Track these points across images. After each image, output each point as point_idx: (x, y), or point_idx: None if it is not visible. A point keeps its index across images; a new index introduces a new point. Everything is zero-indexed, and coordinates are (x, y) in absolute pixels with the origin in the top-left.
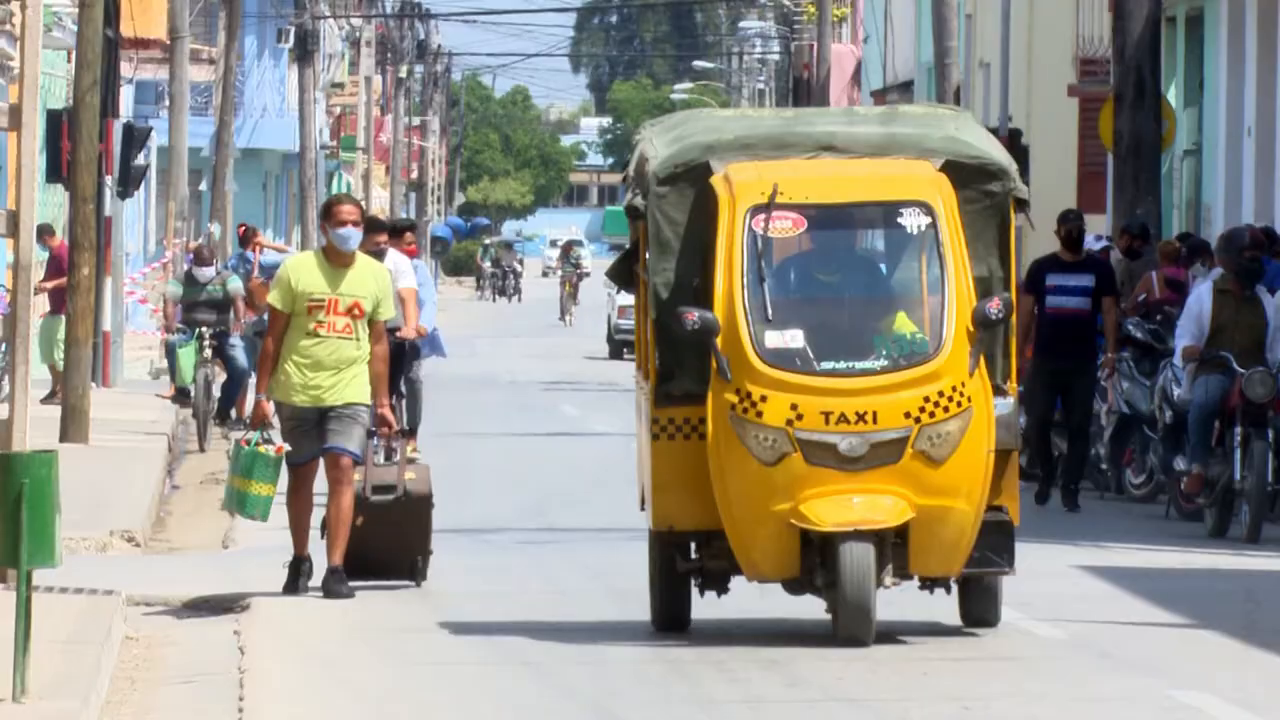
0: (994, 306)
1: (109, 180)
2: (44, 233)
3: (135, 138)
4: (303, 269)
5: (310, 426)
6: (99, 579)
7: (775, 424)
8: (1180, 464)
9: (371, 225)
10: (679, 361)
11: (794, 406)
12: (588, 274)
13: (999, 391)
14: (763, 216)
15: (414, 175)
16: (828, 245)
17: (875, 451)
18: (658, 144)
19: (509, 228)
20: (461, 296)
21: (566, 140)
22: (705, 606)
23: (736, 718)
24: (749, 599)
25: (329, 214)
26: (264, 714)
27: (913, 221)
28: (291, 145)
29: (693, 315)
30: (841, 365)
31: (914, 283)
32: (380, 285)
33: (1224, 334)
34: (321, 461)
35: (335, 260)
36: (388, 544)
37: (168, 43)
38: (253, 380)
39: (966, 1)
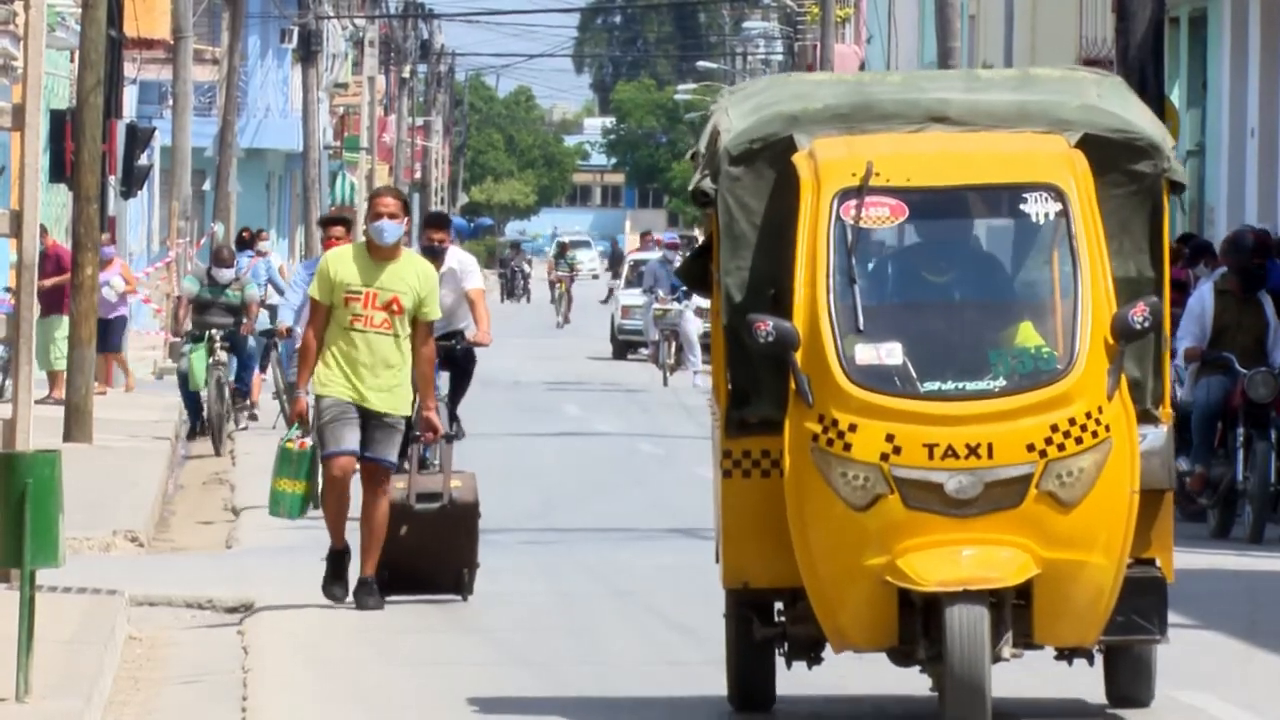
0: (1138, 314)
1: (112, 180)
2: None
3: (139, 138)
4: (342, 260)
5: (351, 418)
6: (102, 579)
7: (867, 459)
8: (1183, 465)
9: (431, 221)
10: (755, 381)
11: (890, 438)
12: (595, 275)
13: (1146, 418)
14: (854, 203)
15: (417, 175)
16: (934, 238)
17: (991, 493)
18: (734, 115)
19: (512, 228)
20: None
21: (570, 140)
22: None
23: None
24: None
25: (370, 205)
26: (267, 714)
27: (1039, 209)
28: (295, 145)
29: (766, 324)
30: (950, 386)
31: (1040, 285)
32: (424, 283)
33: (1226, 335)
34: (359, 470)
35: (375, 253)
36: (433, 555)
37: (171, 43)
38: (258, 375)
39: (970, 2)
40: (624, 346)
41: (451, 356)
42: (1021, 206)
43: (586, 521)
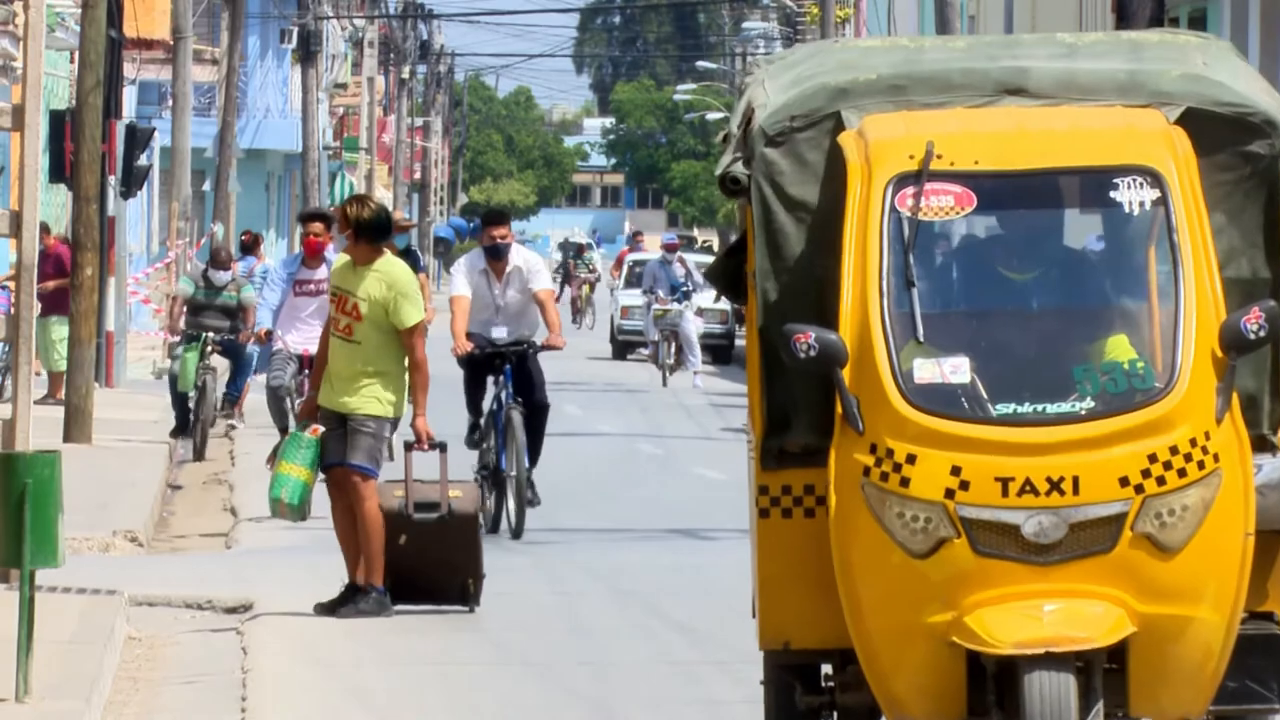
0: (1253, 321)
1: (112, 180)
2: (40, 230)
3: (138, 138)
4: (341, 262)
5: (335, 430)
6: (102, 579)
7: (929, 496)
8: None
9: (491, 218)
10: (796, 402)
11: (956, 471)
12: (598, 277)
13: (1262, 445)
14: (912, 190)
15: (417, 176)
16: (1007, 232)
17: (1077, 536)
18: (770, 88)
19: (512, 228)
20: None
21: (569, 141)
22: None
23: (739, 718)
24: None
25: None
26: (266, 714)
27: (1133, 197)
28: (294, 146)
29: (807, 336)
30: (1027, 409)
31: (1134, 287)
32: (392, 289)
33: None
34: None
35: (355, 257)
36: (435, 565)
37: (171, 43)
38: (258, 376)
39: (970, 2)
40: (624, 346)
41: (522, 366)
42: (1112, 194)
43: (586, 521)
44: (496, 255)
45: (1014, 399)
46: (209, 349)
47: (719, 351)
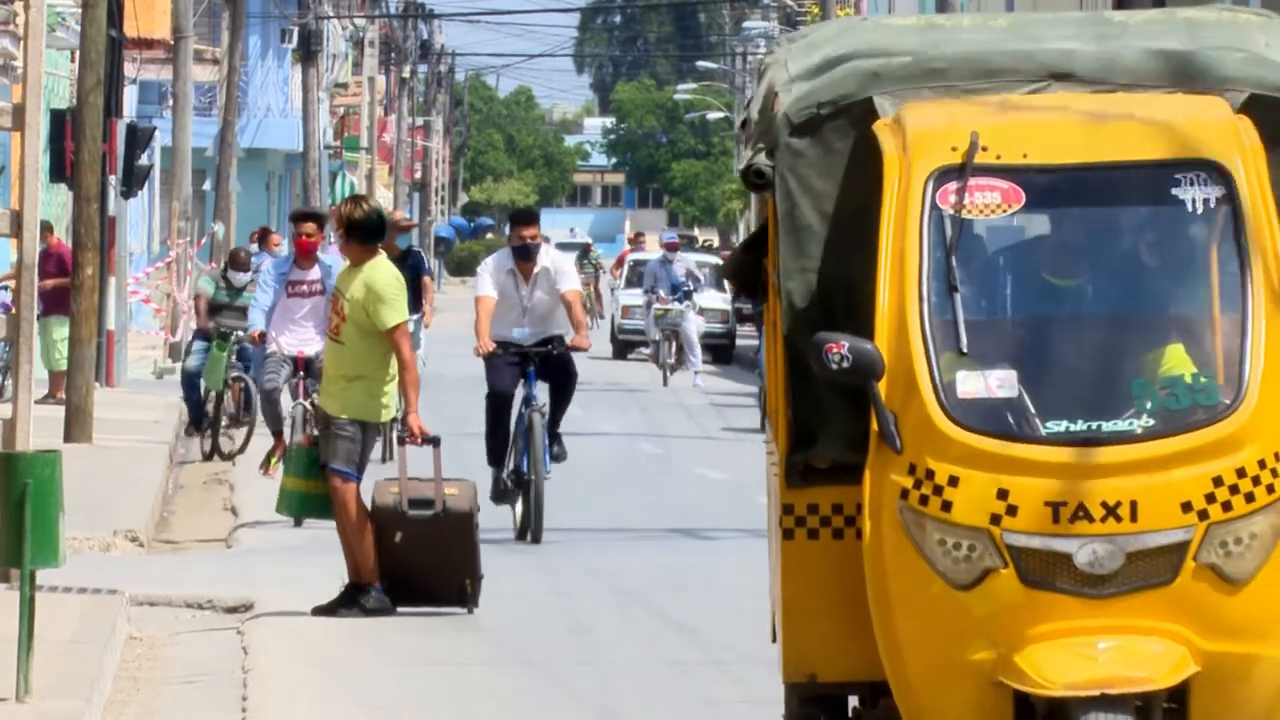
0: None
1: (113, 180)
2: (41, 230)
3: (139, 138)
4: (344, 268)
5: (324, 429)
6: (102, 579)
7: (973, 522)
8: None
9: (520, 218)
10: (823, 414)
11: (1003, 494)
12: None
13: None
14: (954, 186)
15: (418, 175)
16: (1059, 232)
17: (1135, 566)
18: (794, 70)
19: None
20: (464, 296)
21: (570, 140)
22: None
23: (739, 718)
24: None
25: None
26: (267, 714)
27: (1196, 194)
28: (295, 145)
29: (840, 346)
30: (1080, 427)
31: (1195, 293)
32: (370, 291)
33: None
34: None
35: (349, 258)
36: (431, 565)
37: (171, 43)
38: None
39: (969, 2)
40: (624, 346)
41: (547, 363)
42: (1173, 190)
43: (586, 521)
44: (526, 256)
45: (1066, 416)
46: (233, 347)
47: (720, 351)
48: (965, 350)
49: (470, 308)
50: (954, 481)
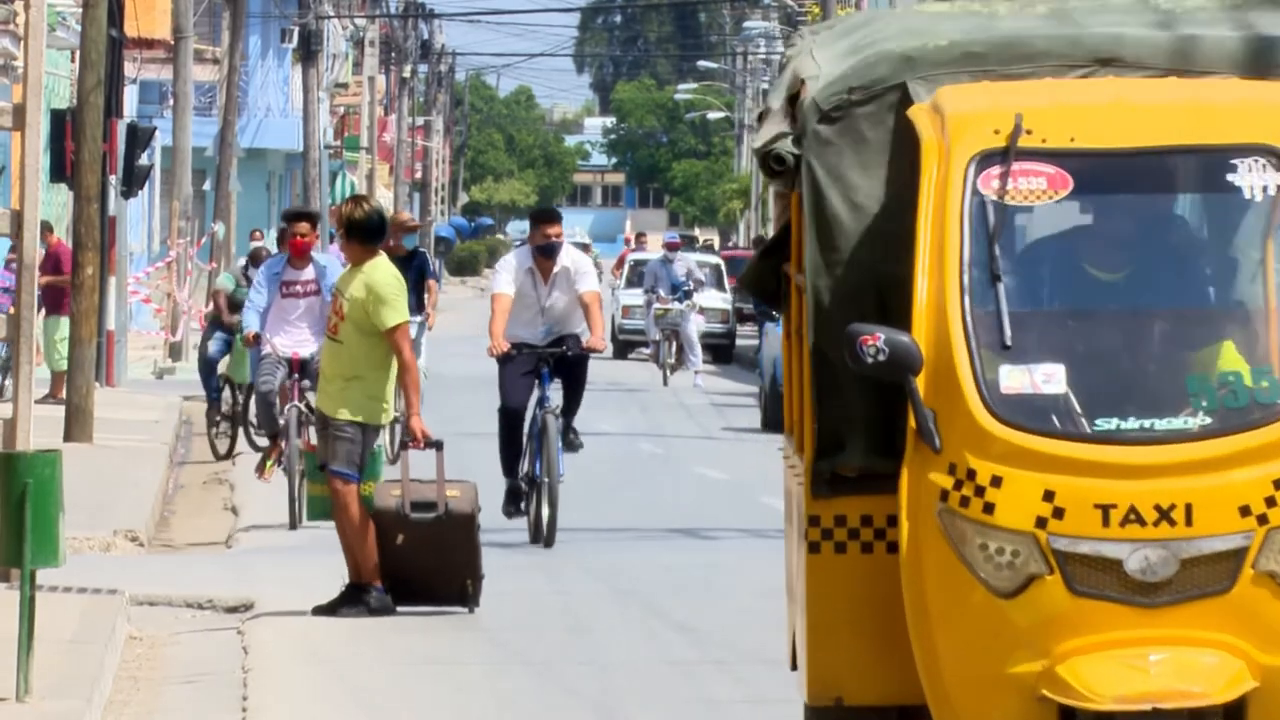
0: None
1: (113, 180)
2: (41, 230)
3: (139, 137)
4: (346, 268)
5: (323, 430)
6: (102, 578)
7: (1017, 525)
8: None
9: (542, 216)
10: (851, 419)
11: (1049, 496)
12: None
13: None
14: (997, 171)
15: (418, 175)
16: (1108, 220)
17: (1190, 573)
18: (821, 57)
19: (513, 228)
20: (465, 296)
21: (570, 140)
22: None
23: (739, 718)
24: None
25: None
26: (267, 713)
27: (1254, 180)
28: (295, 145)
29: (875, 338)
30: (1132, 425)
31: (1251, 285)
32: (370, 291)
33: None
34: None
35: (349, 258)
36: (433, 566)
37: (171, 43)
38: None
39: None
40: (624, 346)
41: (562, 362)
42: (1229, 177)
43: (587, 521)
44: (549, 254)
45: (1116, 413)
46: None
47: (720, 351)
48: (1009, 344)
49: (470, 307)
50: (997, 482)
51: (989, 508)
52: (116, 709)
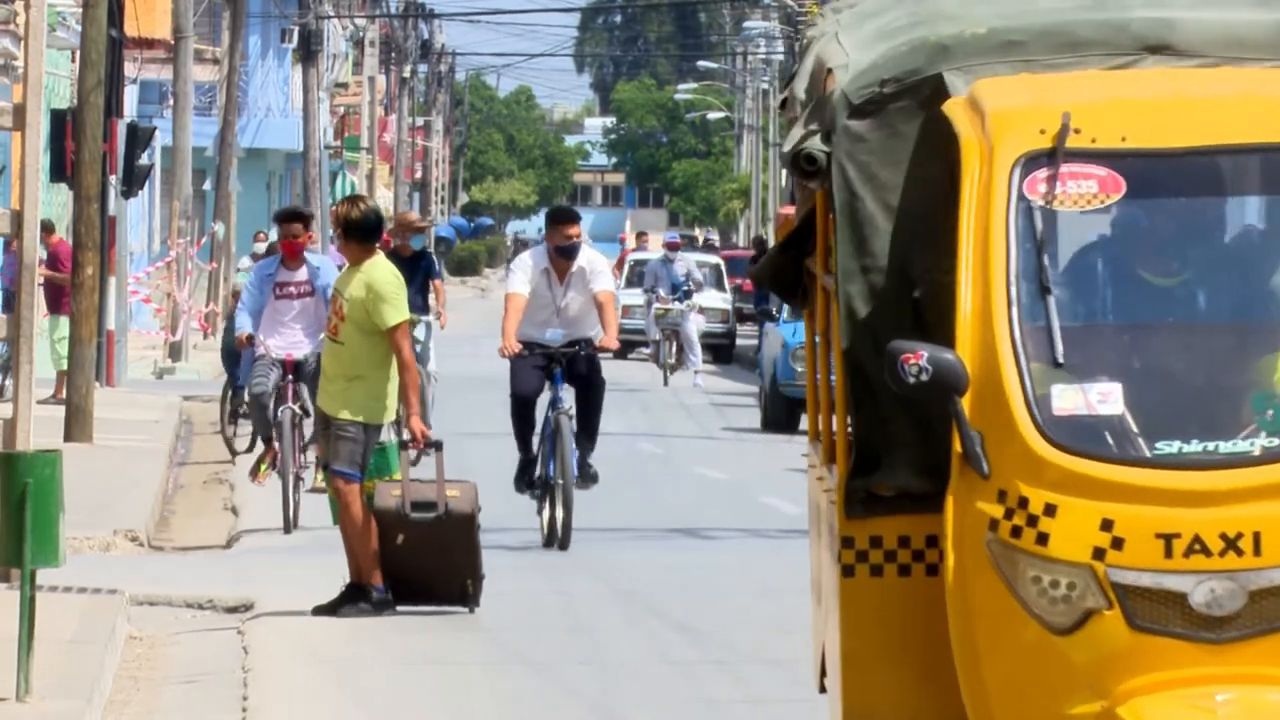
0: None
1: (113, 180)
2: (42, 229)
3: (139, 137)
4: (346, 267)
5: (324, 430)
6: (102, 578)
7: (1073, 557)
8: None
9: (560, 216)
10: (888, 435)
11: (1107, 525)
12: None
13: None
14: (1044, 174)
15: (418, 175)
16: (1164, 225)
17: (1259, 607)
18: (849, 42)
19: (513, 228)
20: (465, 296)
21: (570, 140)
22: None
23: (739, 718)
24: None
25: None
26: (267, 713)
27: None
28: (295, 145)
29: (918, 356)
30: (1195, 448)
31: None
32: (370, 290)
33: None
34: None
35: (347, 257)
36: (433, 566)
37: (171, 43)
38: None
39: None
40: (624, 346)
41: (574, 365)
42: None
43: (587, 521)
44: (569, 255)
45: (1178, 435)
46: None
47: (720, 351)
48: (1061, 360)
49: (470, 307)
50: (1051, 510)
51: (1042, 538)
52: (116, 709)
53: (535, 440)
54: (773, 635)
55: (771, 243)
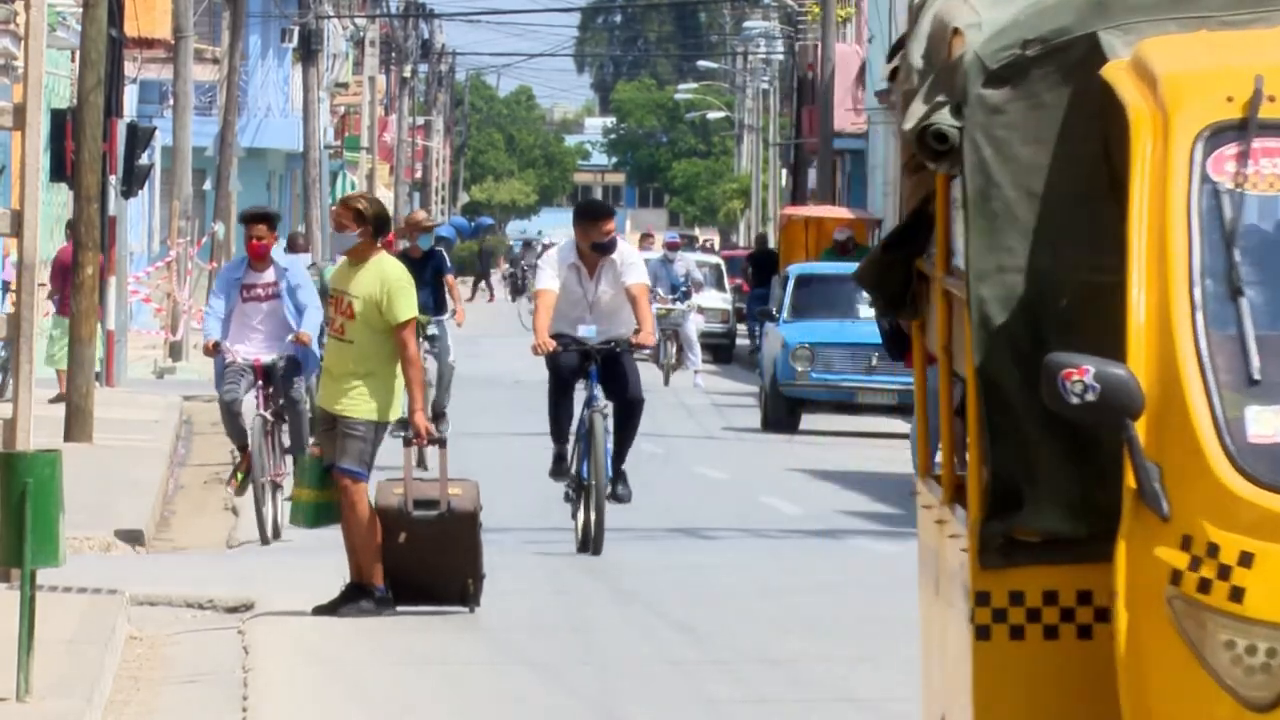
0: None
1: (113, 180)
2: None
3: (139, 137)
4: (339, 267)
5: (327, 429)
6: (102, 578)
7: (1275, 617)
8: None
9: (593, 211)
10: (1034, 467)
11: None
12: None
13: None
14: (1234, 150)
15: (418, 175)
16: None
17: None
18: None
19: (513, 228)
20: (465, 295)
21: (570, 140)
22: None
23: (739, 718)
24: None
25: None
26: (267, 713)
27: None
28: (295, 145)
29: (1083, 371)
30: None
31: None
32: (386, 287)
33: None
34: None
35: (351, 257)
36: (434, 565)
37: (172, 42)
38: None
39: None
40: None
41: (610, 364)
42: None
43: None
44: (607, 252)
45: None
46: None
47: (720, 351)
48: (1257, 377)
49: (470, 307)
50: (1247, 560)
51: (1237, 594)
52: (116, 709)
53: (571, 439)
54: (773, 635)
55: (773, 241)
